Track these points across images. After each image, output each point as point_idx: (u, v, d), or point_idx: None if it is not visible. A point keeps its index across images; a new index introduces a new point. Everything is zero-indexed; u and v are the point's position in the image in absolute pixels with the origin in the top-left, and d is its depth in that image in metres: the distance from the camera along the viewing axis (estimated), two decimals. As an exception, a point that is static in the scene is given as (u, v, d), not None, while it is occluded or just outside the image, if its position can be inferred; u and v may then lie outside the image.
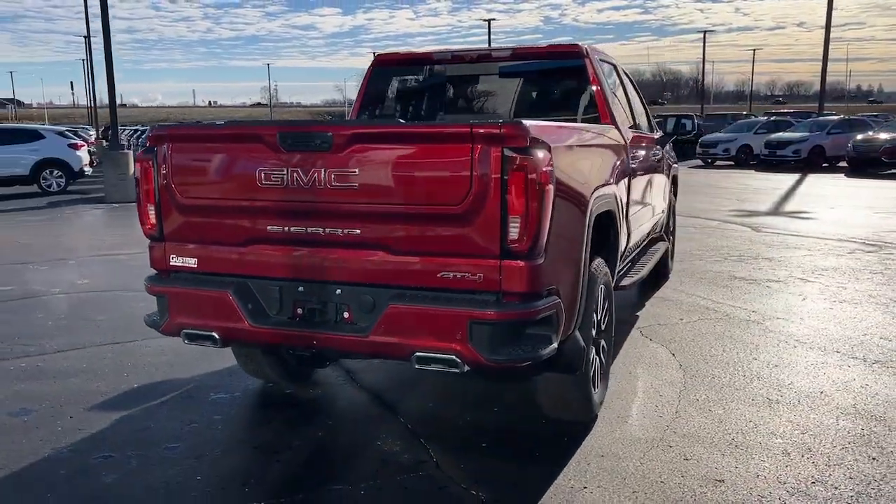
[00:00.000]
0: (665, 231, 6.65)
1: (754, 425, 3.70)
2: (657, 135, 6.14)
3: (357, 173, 2.94)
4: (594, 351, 3.73)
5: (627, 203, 4.48)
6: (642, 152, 5.15)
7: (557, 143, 3.00)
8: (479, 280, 2.87)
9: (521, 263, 2.83)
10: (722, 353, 4.82)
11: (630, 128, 5.18)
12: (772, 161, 23.68)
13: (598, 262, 3.69)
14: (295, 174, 3.02)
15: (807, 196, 15.00)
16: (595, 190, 3.43)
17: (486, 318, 2.82)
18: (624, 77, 5.42)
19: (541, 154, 2.81)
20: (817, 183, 18.13)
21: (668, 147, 6.51)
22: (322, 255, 3.09)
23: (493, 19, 67.02)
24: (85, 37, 40.38)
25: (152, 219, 3.37)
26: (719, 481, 3.14)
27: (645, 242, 5.73)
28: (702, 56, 64.47)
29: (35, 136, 17.38)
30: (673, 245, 7.28)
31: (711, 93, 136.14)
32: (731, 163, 25.90)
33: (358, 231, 3.02)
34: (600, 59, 4.74)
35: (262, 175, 3.08)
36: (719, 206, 13.19)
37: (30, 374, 4.61)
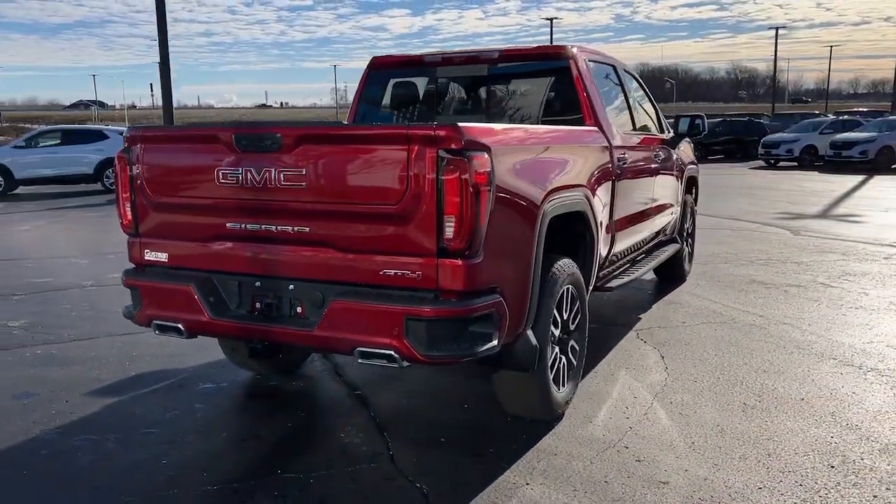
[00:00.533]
0: (679, 233, 6.57)
1: (721, 430, 3.67)
2: (668, 135, 6.08)
3: (304, 173, 3.06)
4: (558, 350, 3.75)
5: (612, 204, 4.47)
6: (640, 153, 5.13)
7: (500, 145, 3.05)
8: (417, 278, 2.95)
9: (458, 262, 2.90)
10: (713, 358, 4.75)
11: (632, 130, 5.17)
12: (837, 162, 22.85)
13: (564, 262, 3.71)
14: (249, 174, 3.16)
15: (863, 199, 14.46)
16: (553, 191, 3.45)
17: (422, 315, 2.89)
18: (627, 78, 5.39)
19: (477, 156, 2.86)
20: (880, 185, 17.43)
21: (682, 147, 6.43)
22: (276, 251, 3.22)
23: (557, 18, 66.43)
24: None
25: (128, 215, 3.57)
26: (664, 483, 3.13)
27: (650, 244, 5.68)
28: (774, 53, 62.66)
29: (100, 136, 18.19)
30: (692, 247, 7.17)
31: (787, 91, 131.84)
32: (795, 164, 25.11)
33: (307, 229, 3.13)
34: (592, 61, 4.74)
35: (220, 174, 3.23)
36: (766, 208, 12.85)
37: (42, 360, 4.90)
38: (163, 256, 3.54)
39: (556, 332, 3.71)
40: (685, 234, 6.80)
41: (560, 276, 3.63)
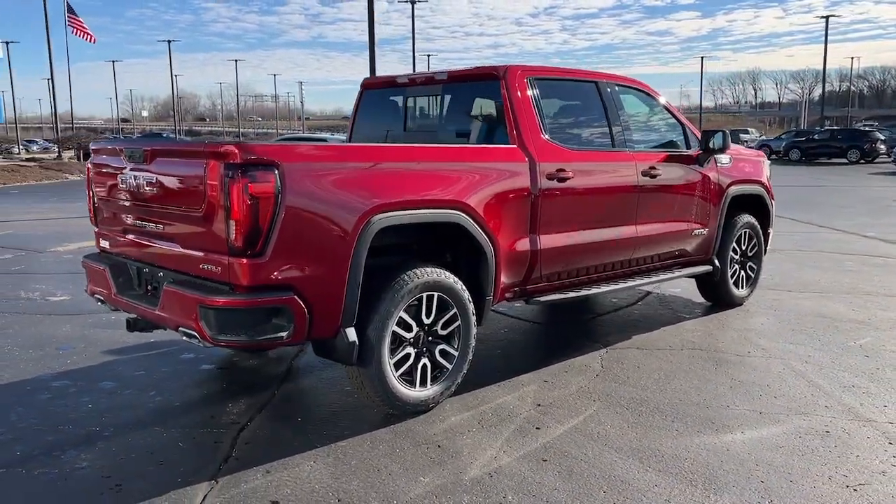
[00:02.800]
0: (719, 255, 6.21)
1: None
2: (690, 152, 5.85)
3: (154, 181, 3.78)
4: (415, 351, 4.04)
5: (533, 221, 4.57)
6: (608, 171, 5.11)
7: (296, 161, 3.51)
8: (219, 272, 3.53)
9: (244, 261, 3.42)
10: (652, 384, 4.64)
11: (607, 147, 5.16)
12: None
13: (420, 270, 4.00)
14: (132, 180, 3.95)
15: None
16: (390, 205, 3.76)
17: (209, 304, 3.46)
18: (614, 96, 5.33)
19: (260, 170, 3.37)
20: None
21: (723, 164, 6.10)
22: (151, 245, 3.98)
23: (833, 15, 59.97)
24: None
25: (91, 211, 4.55)
26: (449, 486, 3.36)
27: (641, 264, 5.52)
28: None
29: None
30: (754, 272, 6.68)
31: None
32: None
33: (161, 227, 3.85)
34: (541, 79, 4.86)
35: (120, 180, 4.06)
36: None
37: (93, 323, 6.11)
38: (105, 244, 4.48)
39: (409, 335, 4.01)
40: (733, 257, 6.40)
41: (409, 281, 3.93)
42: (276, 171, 3.41)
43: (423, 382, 4.13)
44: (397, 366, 3.99)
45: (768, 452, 3.63)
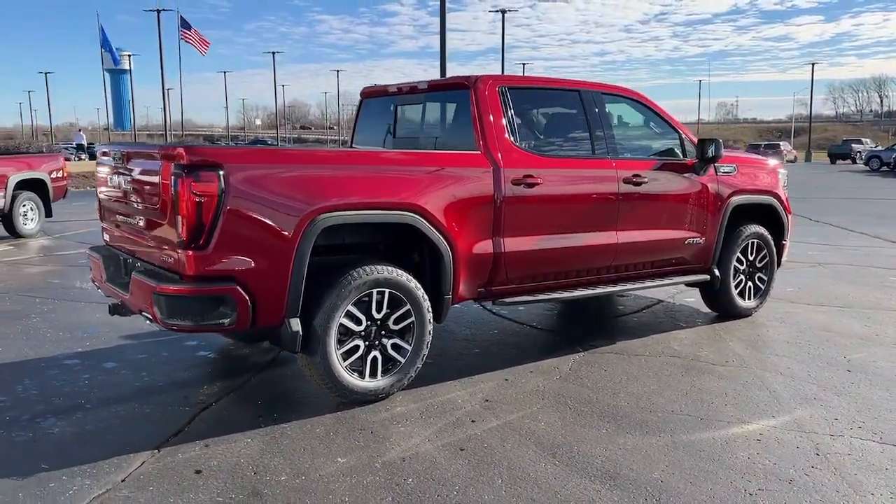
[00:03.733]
0: (720, 265, 6.16)
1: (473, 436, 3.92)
2: (683, 160, 5.85)
3: (129, 179, 4.22)
4: (365, 344, 4.31)
5: (496, 225, 4.75)
6: (584, 178, 5.23)
7: (241, 163, 3.86)
8: (172, 263, 3.92)
9: (189, 253, 3.79)
10: (608, 387, 4.73)
11: (584, 155, 5.29)
12: None
13: (376, 267, 4.27)
14: (116, 179, 4.42)
15: None
16: (324, 205, 4.04)
17: (160, 291, 3.85)
18: (598, 105, 5.42)
19: (204, 172, 3.73)
20: None
21: (724, 174, 6.06)
22: (131, 237, 4.43)
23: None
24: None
25: (98, 208, 5.07)
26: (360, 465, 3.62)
27: (621, 271, 5.56)
28: None
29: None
30: (764, 284, 6.56)
31: None
32: None
33: (136, 221, 4.29)
34: (514, 89, 5.03)
35: (110, 179, 4.55)
36: None
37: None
38: (106, 237, 4.98)
39: (358, 328, 4.27)
40: (738, 268, 6.33)
41: (357, 277, 4.20)
42: (220, 173, 3.76)
43: (374, 374, 4.38)
44: (345, 356, 4.26)
45: (684, 455, 3.69)
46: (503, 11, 42.29)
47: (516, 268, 4.96)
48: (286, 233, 3.97)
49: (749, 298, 6.54)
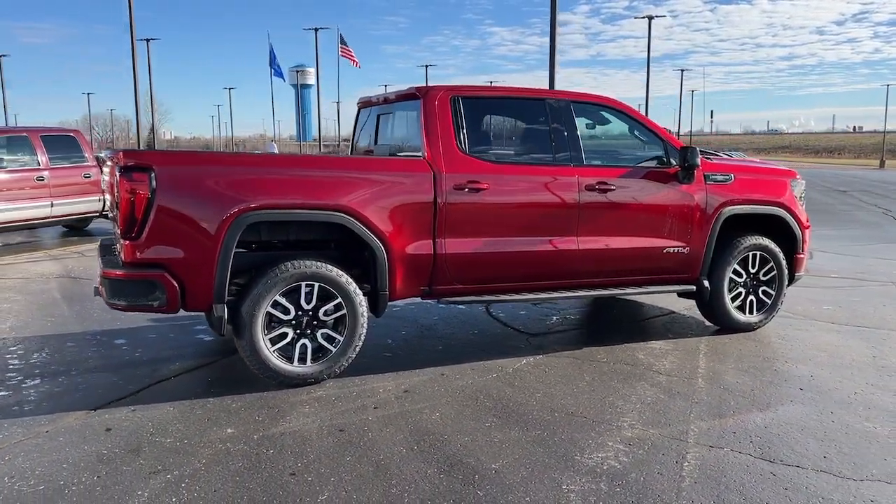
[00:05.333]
0: (711, 275, 6.02)
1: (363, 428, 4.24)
2: (669, 168, 5.80)
3: (107, 178, 4.92)
4: (294, 332, 4.74)
5: (436, 227, 5.02)
6: (537, 185, 5.36)
7: (167, 165, 4.43)
8: (121, 251, 4.55)
9: (126, 243, 4.42)
10: (530, 387, 4.87)
11: (544, 161, 5.44)
12: None
13: (304, 262, 4.69)
14: (107, 179, 5.15)
15: None
16: (249, 204, 4.51)
17: (104, 275, 4.51)
18: (564, 114, 5.52)
19: (136, 172, 4.34)
20: None
21: (710, 180, 5.94)
22: (113, 229, 5.13)
23: None
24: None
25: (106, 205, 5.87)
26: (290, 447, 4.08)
27: (577, 274, 5.58)
28: None
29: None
30: (770, 298, 6.29)
31: None
32: None
33: (114, 215, 4.98)
34: (463, 98, 5.27)
35: (104, 179, 5.29)
36: None
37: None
38: (111, 228, 5.75)
39: (286, 317, 4.71)
40: (735, 280, 6.13)
41: (284, 270, 4.65)
42: (151, 174, 4.34)
43: (303, 360, 4.79)
44: (273, 342, 4.70)
45: (539, 450, 3.81)
46: (650, 18, 41.32)
47: (461, 270, 5.18)
48: (212, 228, 4.48)
49: (751, 313, 6.29)
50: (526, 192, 5.37)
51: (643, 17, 42.19)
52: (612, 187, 5.56)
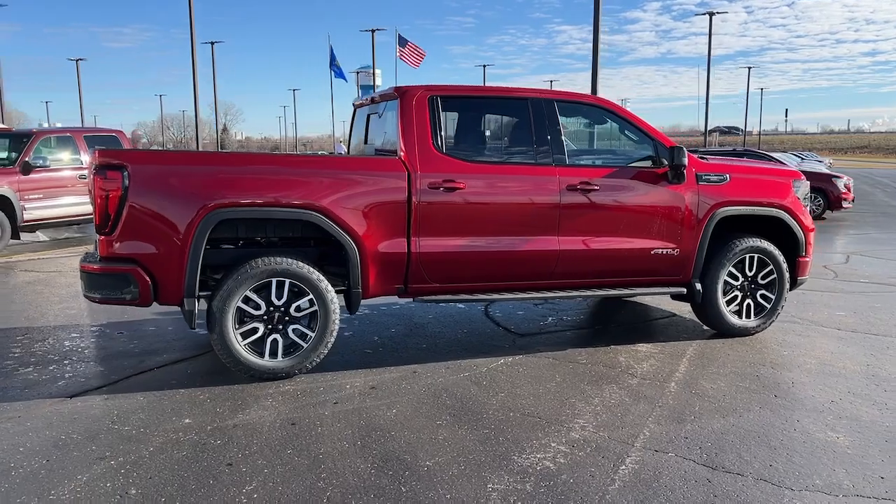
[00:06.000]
0: (701, 278, 5.89)
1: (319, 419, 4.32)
2: (658, 169, 5.70)
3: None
4: (264, 326, 4.85)
5: (410, 225, 5.06)
6: (514, 184, 5.35)
7: (140, 164, 4.60)
8: (98, 245, 4.75)
9: (101, 238, 4.61)
10: (495, 386, 4.87)
11: (524, 161, 5.43)
12: None
13: (276, 259, 4.80)
14: (92, 178, 5.36)
15: None
16: (219, 202, 4.64)
17: (82, 268, 4.71)
18: (547, 113, 5.49)
19: (109, 171, 4.53)
20: None
21: (702, 181, 5.80)
22: (101, 225, 5.35)
23: None
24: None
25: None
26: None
27: (558, 275, 5.52)
28: None
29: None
30: (771, 304, 6.11)
31: None
32: None
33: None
34: (442, 98, 5.30)
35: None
36: None
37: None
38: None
39: (257, 312, 4.83)
40: (731, 283, 5.99)
41: (254, 267, 4.77)
42: (124, 172, 4.51)
43: (274, 355, 4.90)
44: (244, 336, 4.83)
45: (476, 447, 3.82)
46: (711, 14, 40.21)
47: (436, 269, 5.21)
48: (182, 225, 4.63)
49: (748, 317, 6.13)
50: (504, 191, 5.36)
51: (703, 14, 41.23)
52: (596, 187, 5.50)
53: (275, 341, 4.91)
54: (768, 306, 6.17)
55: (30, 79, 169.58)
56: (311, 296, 4.92)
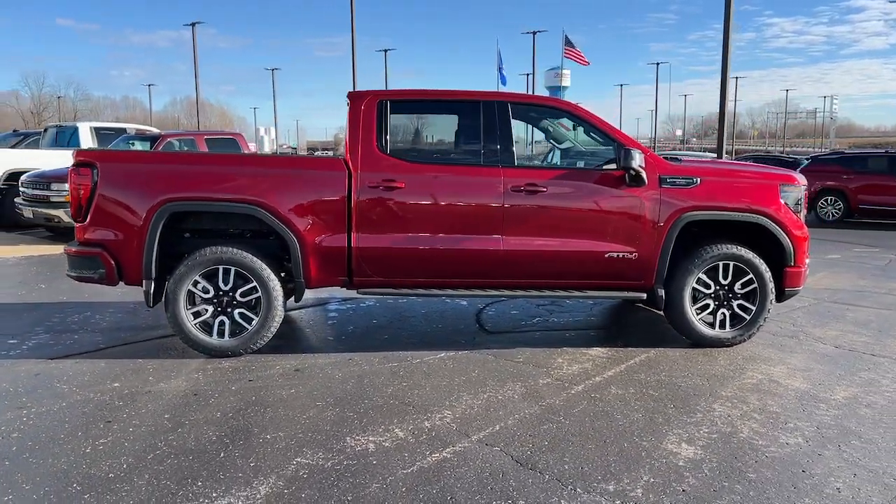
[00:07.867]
0: (665, 284, 5.73)
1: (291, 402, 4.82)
2: (616, 171, 5.64)
3: (89, 174, 5.99)
4: (212, 309, 5.43)
5: (351, 221, 5.43)
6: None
7: (108, 161, 5.34)
8: (75, 233, 5.57)
9: (76, 225, 5.41)
10: (429, 385, 5.10)
11: (474, 163, 5.62)
12: None
13: (222, 248, 5.37)
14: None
15: None
16: (170, 196, 5.26)
17: (65, 251, 5.54)
18: (492, 115, 5.60)
19: (82, 167, 5.32)
20: None
21: (665, 184, 5.64)
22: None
23: None
24: None
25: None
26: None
27: (504, 275, 5.61)
28: None
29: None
30: (751, 315, 5.80)
31: None
32: None
33: (95, 203, 6.04)
34: (391, 102, 5.61)
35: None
36: None
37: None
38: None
39: (206, 295, 5.42)
40: (702, 291, 5.76)
41: (203, 255, 5.36)
42: (94, 169, 5.27)
43: (221, 334, 5.46)
44: (195, 316, 5.43)
45: (310, 431, 4.11)
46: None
47: (376, 264, 5.53)
48: (140, 215, 5.31)
49: (722, 327, 5.85)
50: (445, 191, 5.55)
51: None
52: (543, 189, 5.54)
53: (222, 322, 5.46)
54: (747, 317, 5.84)
55: (244, 86, 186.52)
56: (254, 283, 5.42)
